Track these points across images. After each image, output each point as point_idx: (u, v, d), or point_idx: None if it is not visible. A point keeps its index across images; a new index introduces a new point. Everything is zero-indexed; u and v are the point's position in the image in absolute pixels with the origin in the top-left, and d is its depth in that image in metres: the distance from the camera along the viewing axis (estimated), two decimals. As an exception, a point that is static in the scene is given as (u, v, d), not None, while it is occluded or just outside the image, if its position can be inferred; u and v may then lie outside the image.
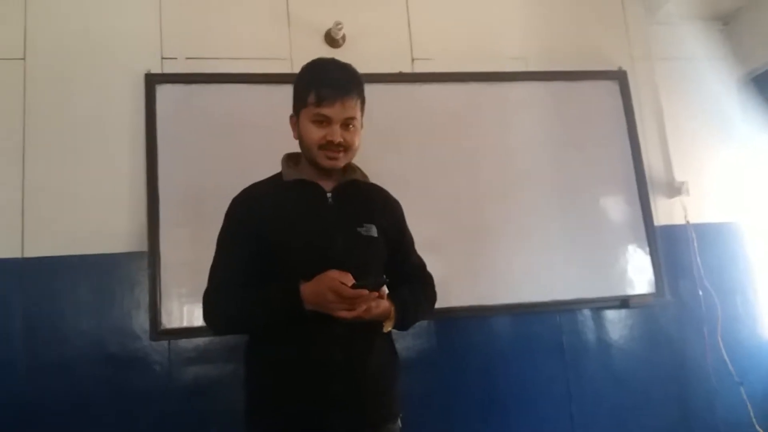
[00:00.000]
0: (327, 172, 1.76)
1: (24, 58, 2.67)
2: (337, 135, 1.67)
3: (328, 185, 1.77)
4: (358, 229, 1.74)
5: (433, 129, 2.86)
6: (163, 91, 2.67)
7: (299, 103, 1.73)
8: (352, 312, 1.57)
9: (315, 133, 1.68)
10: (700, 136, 3.22)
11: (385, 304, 1.66)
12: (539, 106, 3.01)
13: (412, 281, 1.86)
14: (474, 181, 2.86)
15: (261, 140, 2.60)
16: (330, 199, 1.76)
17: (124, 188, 2.63)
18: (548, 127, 2.98)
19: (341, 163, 1.74)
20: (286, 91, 1.82)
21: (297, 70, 1.80)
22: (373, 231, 1.77)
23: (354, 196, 1.80)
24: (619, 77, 3.10)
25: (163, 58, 2.76)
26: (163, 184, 2.60)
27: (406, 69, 2.96)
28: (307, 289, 1.59)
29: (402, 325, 1.76)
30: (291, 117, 1.79)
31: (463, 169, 2.85)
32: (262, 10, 2.90)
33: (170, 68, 2.75)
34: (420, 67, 2.98)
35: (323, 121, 1.68)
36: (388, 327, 1.72)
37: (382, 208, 1.86)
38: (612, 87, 3.08)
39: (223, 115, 2.69)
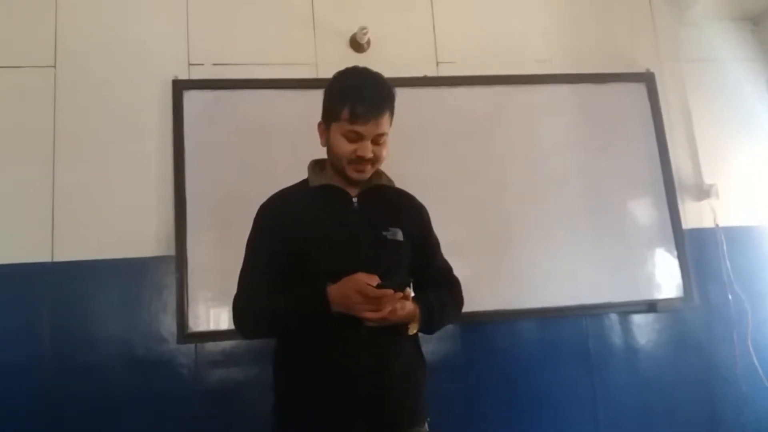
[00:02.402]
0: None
1: (54, 66, 2.71)
2: (368, 151, 1.69)
3: (353, 190, 1.80)
4: (384, 233, 1.76)
5: (458, 132, 2.86)
6: (190, 97, 2.70)
7: (331, 116, 1.72)
8: (377, 313, 1.58)
9: (346, 147, 1.70)
10: (730, 138, 3.16)
11: (410, 306, 1.66)
12: (565, 109, 2.98)
13: (438, 285, 1.86)
14: (500, 184, 2.84)
15: (287, 145, 2.62)
16: (356, 204, 1.78)
17: (152, 193, 2.66)
18: (575, 130, 2.96)
19: (368, 175, 1.76)
20: (312, 96, 1.83)
21: (322, 75, 1.81)
22: (399, 235, 1.78)
23: (379, 200, 1.82)
24: (647, 79, 3.06)
25: (190, 64, 2.79)
26: (191, 189, 2.62)
27: (431, 72, 2.95)
28: (333, 290, 1.60)
29: (427, 328, 1.76)
30: (319, 124, 1.79)
31: (488, 172, 2.84)
32: (288, 15, 2.91)
33: (197, 74, 2.77)
34: (445, 71, 2.97)
35: (355, 136, 1.68)
36: (413, 329, 1.72)
37: (408, 212, 1.88)
38: (639, 89, 3.05)
39: (250, 121, 2.71)
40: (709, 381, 2.92)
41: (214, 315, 2.57)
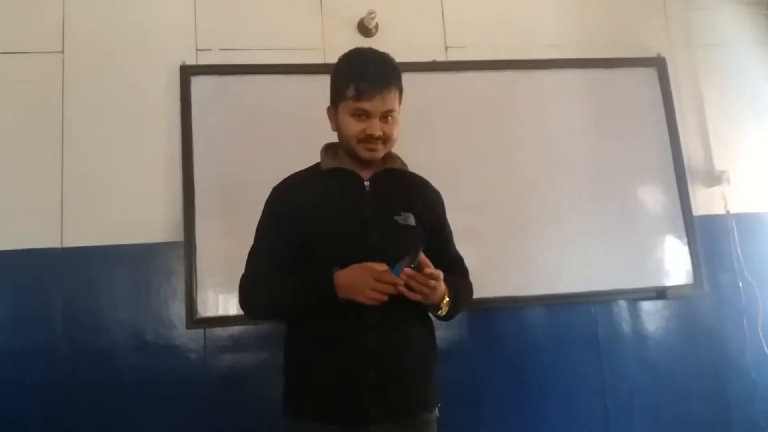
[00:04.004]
0: (366, 162, 1.76)
1: (62, 52, 2.71)
2: (376, 128, 1.68)
3: (366, 174, 1.78)
4: (395, 217, 1.74)
5: (467, 118, 2.84)
6: (198, 83, 2.69)
7: (337, 97, 1.73)
8: (382, 296, 1.57)
9: (354, 127, 1.69)
10: (741, 124, 3.13)
11: (442, 286, 1.65)
12: (575, 94, 2.95)
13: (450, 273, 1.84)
14: (509, 170, 2.82)
15: (295, 130, 2.62)
16: (368, 188, 1.77)
17: (160, 179, 2.67)
18: (585, 116, 2.93)
19: (380, 154, 1.74)
20: (320, 81, 1.82)
21: (330, 60, 1.80)
22: (411, 220, 1.76)
23: (392, 184, 1.80)
24: (658, 64, 3.03)
25: (197, 49, 2.79)
26: (199, 175, 2.62)
27: (440, 57, 2.93)
28: (341, 276, 1.60)
29: (451, 310, 1.73)
30: (328, 109, 1.79)
31: (497, 158, 2.82)
32: (295, 1, 2.89)
33: (205, 60, 2.77)
34: (453, 56, 2.95)
35: (362, 115, 1.68)
36: (445, 309, 1.70)
37: (422, 198, 1.85)
38: (651, 74, 3.01)
39: (257, 106, 2.70)
40: (718, 368, 2.91)
41: (222, 300, 2.57)
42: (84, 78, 2.70)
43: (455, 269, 1.87)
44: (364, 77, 1.66)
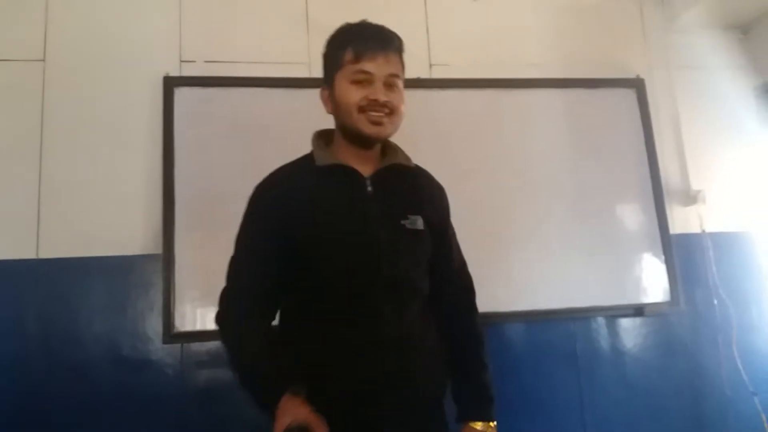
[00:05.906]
0: (365, 152, 1.57)
1: (44, 60, 2.68)
2: (380, 93, 1.49)
3: (366, 170, 1.57)
4: (403, 221, 1.55)
5: (450, 135, 2.85)
6: (181, 94, 2.67)
7: (334, 67, 1.54)
8: None
9: (355, 94, 1.49)
10: (717, 145, 3.20)
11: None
12: (556, 113, 2.99)
13: (454, 312, 1.72)
14: (489, 187, 2.84)
15: (278, 144, 2.55)
16: (369, 188, 1.56)
17: (140, 191, 2.63)
18: (565, 135, 2.97)
19: (386, 130, 1.55)
20: (305, 95, 1.83)
21: (315, 74, 1.78)
22: (420, 223, 1.57)
23: (396, 183, 1.60)
24: (637, 85, 3.08)
25: (181, 61, 2.77)
26: (179, 187, 2.59)
27: (424, 75, 2.95)
28: (284, 405, 1.34)
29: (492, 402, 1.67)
30: (322, 90, 1.60)
31: (478, 174, 2.84)
32: (281, 14, 2.90)
33: (189, 71, 2.75)
34: (437, 73, 2.97)
35: (363, 80, 1.50)
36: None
37: (430, 197, 1.67)
38: (629, 95, 3.07)
39: (241, 119, 2.69)
40: (694, 384, 2.94)
41: (200, 315, 2.53)
42: (65, 87, 2.67)
43: (459, 278, 1.75)
44: (363, 38, 1.52)
